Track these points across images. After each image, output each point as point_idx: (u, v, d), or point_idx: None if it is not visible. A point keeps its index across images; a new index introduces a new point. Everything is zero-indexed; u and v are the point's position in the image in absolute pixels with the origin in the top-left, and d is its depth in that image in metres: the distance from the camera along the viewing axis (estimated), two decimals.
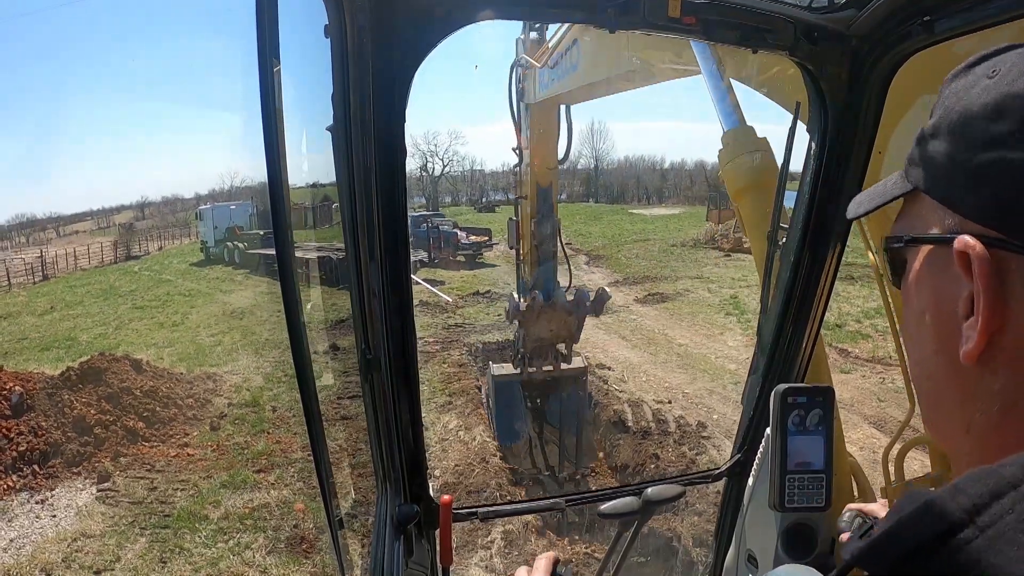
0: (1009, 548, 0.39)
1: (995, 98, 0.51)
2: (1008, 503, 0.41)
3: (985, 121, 0.51)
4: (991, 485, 0.42)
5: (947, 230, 0.55)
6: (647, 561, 5.82)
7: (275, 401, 11.09)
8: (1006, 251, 0.50)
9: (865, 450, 7.67)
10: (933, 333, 0.58)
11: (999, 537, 0.39)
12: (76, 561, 6.80)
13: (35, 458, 8.76)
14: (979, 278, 0.51)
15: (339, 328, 4.07)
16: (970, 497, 0.42)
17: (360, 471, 3.59)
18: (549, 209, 6.84)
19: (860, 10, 1.47)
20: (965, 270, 0.52)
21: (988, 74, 0.54)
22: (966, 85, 0.55)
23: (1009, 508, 0.40)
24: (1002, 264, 0.50)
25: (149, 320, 19.62)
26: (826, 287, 1.89)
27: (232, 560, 6.71)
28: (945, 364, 0.57)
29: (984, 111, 0.52)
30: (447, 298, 19.45)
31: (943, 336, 0.56)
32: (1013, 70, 0.52)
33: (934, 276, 0.57)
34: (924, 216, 0.58)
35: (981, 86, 0.53)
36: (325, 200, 5.59)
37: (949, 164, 0.54)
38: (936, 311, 0.57)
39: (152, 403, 10.39)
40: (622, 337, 14.72)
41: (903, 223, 0.63)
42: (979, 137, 0.51)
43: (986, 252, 0.50)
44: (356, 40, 1.24)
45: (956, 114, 0.55)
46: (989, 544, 0.40)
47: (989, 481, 0.42)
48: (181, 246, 45.83)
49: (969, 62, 0.57)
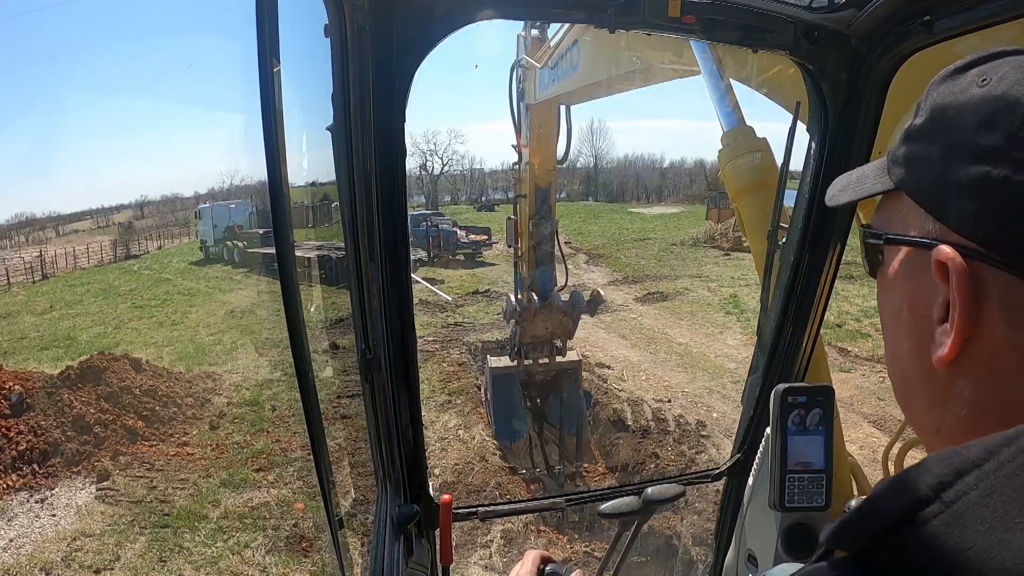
0: (973, 522, 0.40)
1: (984, 109, 0.51)
2: (972, 480, 0.42)
3: (972, 132, 0.51)
4: (956, 464, 0.43)
5: (927, 235, 0.55)
6: (647, 561, 5.82)
7: (274, 400, 11.09)
8: (984, 264, 0.50)
9: (865, 449, 7.68)
10: (907, 332, 0.59)
11: (964, 512, 0.41)
12: (76, 560, 6.80)
13: (35, 457, 8.76)
14: (956, 289, 0.51)
15: (339, 327, 4.07)
16: (935, 475, 0.43)
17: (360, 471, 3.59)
18: (548, 210, 6.88)
19: (860, 10, 1.47)
20: (942, 278, 0.53)
21: (978, 82, 0.53)
22: (955, 90, 0.55)
23: (973, 485, 0.42)
24: (979, 276, 0.51)
25: (148, 319, 19.60)
26: (826, 287, 1.89)
27: (232, 559, 6.71)
28: (918, 364, 0.58)
29: (972, 122, 0.52)
30: (446, 297, 19.46)
31: (916, 336, 0.57)
32: (1004, 81, 0.51)
33: (911, 277, 0.58)
34: (904, 216, 0.59)
35: (970, 94, 0.53)
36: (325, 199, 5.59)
37: (933, 172, 0.55)
38: (911, 311, 0.58)
39: (151, 402, 10.39)
40: (621, 336, 14.73)
41: (883, 217, 0.63)
42: (966, 148, 0.52)
43: (965, 265, 0.51)
44: (356, 40, 1.24)
45: (943, 120, 0.55)
46: (954, 519, 0.41)
47: (954, 460, 0.43)
48: (180, 245, 45.76)
49: (959, 65, 0.57)
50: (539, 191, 6.78)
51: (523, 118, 6.49)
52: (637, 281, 21.80)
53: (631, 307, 17.88)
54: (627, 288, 20.69)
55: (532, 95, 6.31)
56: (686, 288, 19.84)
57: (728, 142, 2.52)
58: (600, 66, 4.76)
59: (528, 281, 7.16)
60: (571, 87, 5.39)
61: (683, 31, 1.50)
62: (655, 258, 27.45)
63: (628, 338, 14.58)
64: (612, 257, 28.24)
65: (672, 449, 8.41)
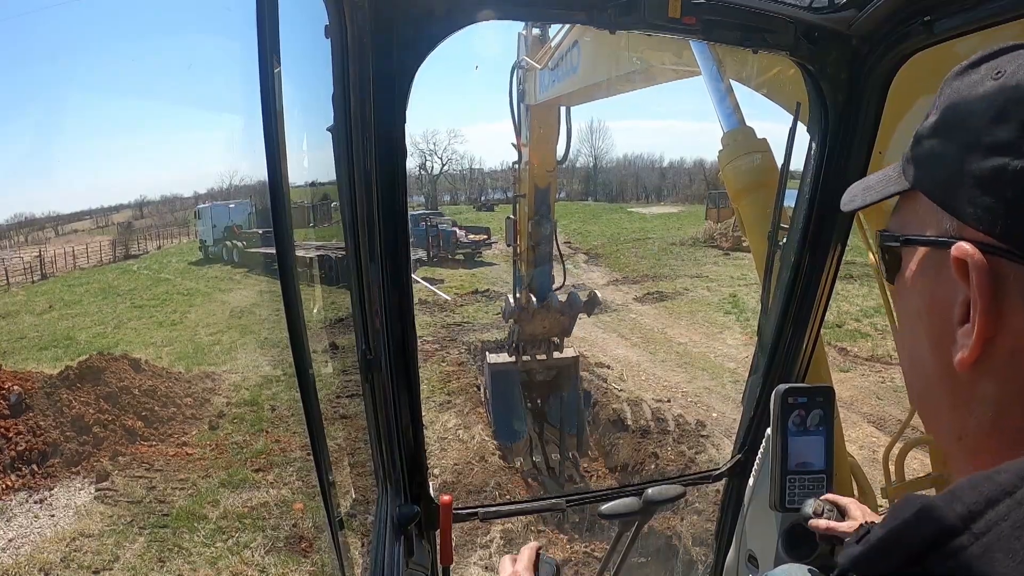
0: (1003, 555, 0.39)
1: (998, 102, 0.50)
2: (1003, 510, 0.41)
3: (987, 125, 0.50)
4: (986, 492, 0.42)
5: (944, 233, 0.54)
6: (647, 561, 5.82)
7: (274, 400, 11.09)
8: (1004, 259, 0.49)
9: (865, 449, 7.69)
10: (927, 334, 0.58)
11: (993, 544, 0.40)
12: (75, 561, 6.79)
13: (34, 457, 8.75)
14: (976, 286, 0.50)
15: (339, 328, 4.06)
16: (965, 504, 0.42)
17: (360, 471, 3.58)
18: (547, 210, 6.90)
19: (860, 10, 1.47)
20: (962, 276, 0.51)
21: (992, 75, 0.52)
22: (969, 85, 0.54)
23: (1004, 515, 0.40)
24: (999, 272, 0.49)
25: (148, 319, 19.58)
26: (826, 287, 1.89)
27: (231, 559, 6.70)
28: (938, 367, 0.56)
29: (987, 115, 0.51)
30: (446, 296, 19.46)
31: (937, 338, 0.56)
32: (1018, 72, 0.50)
33: (929, 278, 0.57)
34: (921, 216, 0.58)
35: (984, 87, 0.52)
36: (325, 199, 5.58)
37: (949, 168, 0.54)
38: (930, 313, 0.57)
39: (151, 402, 10.38)
40: (621, 336, 14.73)
41: (899, 220, 0.62)
42: (981, 142, 0.50)
43: (984, 260, 0.50)
44: (356, 40, 1.24)
45: (957, 115, 0.54)
46: (984, 551, 0.40)
47: (984, 488, 0.42)
48: (180, 245, 45.72)
49: (972, 60, 0.56)
50: (538, 191, 6.80)
51: (523, 118, 6.50)
52: (636, 281, 21.80)
53: (630, 307, 17.88)
54: (626, 288, 20.69)
55: (532, 96, 6.31)
56: (685, 288, 19.84)
57: (728, 143, 2.51)
58: (600, 67, 4.76)
59: (527, 281, 7.19)
60: (571, 88, 5.39)
61: (683, 31, 1.50)
62: (654, 258, 27.44)
63: (628, 338, 14.58)
64: (611, 257, 28.23)
65: (672, 449, 8.41)
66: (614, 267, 25.50)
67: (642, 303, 18.36)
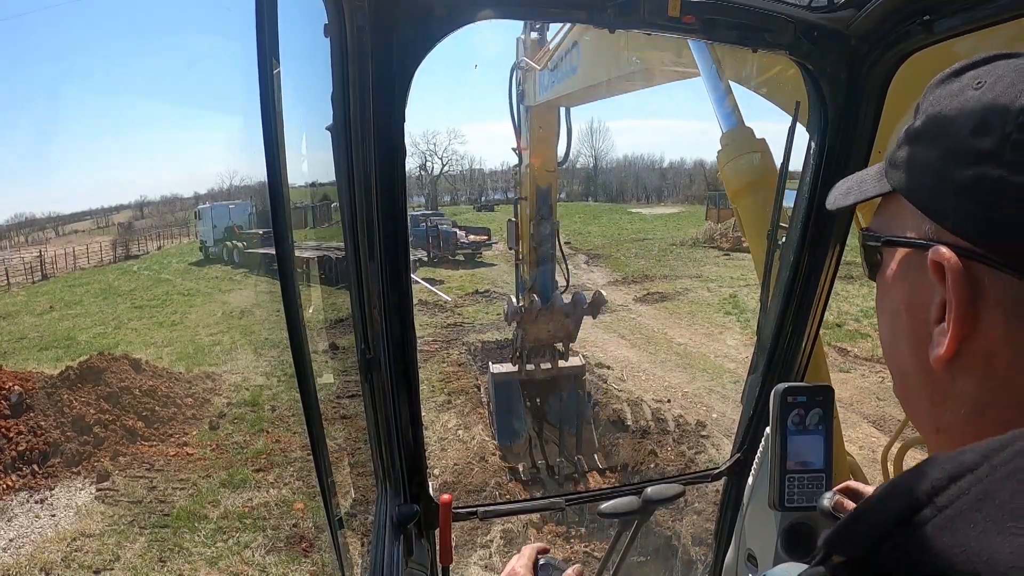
0: (966, 526, 0.41)
1: (980, 112, 0.52)
2: (965, 485, 0.43)
3: (968, 135, 0.52)
4: (950, 469, 0.44)
5: (923, 236, 0.56)
6: (647, 560, 5.82)
7: (274, 400, 11.09)
8: (980, 264, 0.51)
9: (864, 449, 7.68)
10: (905, 332, 0.60)
11: (956, 516, 0.42)
12: (75, 561, 6.79)
13: (34, 457, 8.75)
14: (952, 288, 0.52)
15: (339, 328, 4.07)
16: (930, 480, 0.44)
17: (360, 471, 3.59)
18: (548, 211, 6.87)
19: (860, 10, 1.47)
20: (939, 278, 0.53)
21: (974, 85, 0.54)
22: (950, 94, 0.56)
23: (966, 489, 0.42)
24: (975, 276, 0.51)
25: (148, 319, 19.58)
26: (826, 287, 1.89)
27: (231, 559, 6.70)
28: (917, 364, 0.58)
29: (968, 125, 0.52)
30: (446, 297, 19.45)
31: (915, 337, 0.58)
32: (999, 83, 0.52)
33: (908, 278, 0.59)
34: (902, 217, 0.59)
35: (966, 96, 0.54)
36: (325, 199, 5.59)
37: (930, 174, 0.55)
38: (909, 311, 0.59)
39: (151, 402, 10.38)
40: (621, 336, 14.72)
41: (880, 220, 0.64)
42: (962, 151, 0.52)
43: (960, 264, 0.51)
44: (356, 40, 1.24)
45: (939, 124, 0.55)
46: (947, 522, 0.42)
47: (948, 466, 0.44)
48: (180, 245, 45.75)
49: (955, 69, 0.58)
50: (539, 192, 6.77)
51: (523, 120, 6.49)
52: (637, 281, 21.80)
53: (631, 307, 17.87)
54: (627, 288, 20.68)
55: (532, 97, 6.31)
56: (686, 288, 19.84)
57: (727, 143, 2.52)
58: (600, 68, 4.76)
59: (529, 283, 7.13)
60: (571, 89, 5.39)
61: (683, 31, 1.50)
62: (655, 258, 27.45)
63: (628, 338, 14.58)
64: (612, 257, 28.24)
65: (672, 449, 8.41)
66: (614, 267, 25.49)
67: (642, 303, 18.36)
